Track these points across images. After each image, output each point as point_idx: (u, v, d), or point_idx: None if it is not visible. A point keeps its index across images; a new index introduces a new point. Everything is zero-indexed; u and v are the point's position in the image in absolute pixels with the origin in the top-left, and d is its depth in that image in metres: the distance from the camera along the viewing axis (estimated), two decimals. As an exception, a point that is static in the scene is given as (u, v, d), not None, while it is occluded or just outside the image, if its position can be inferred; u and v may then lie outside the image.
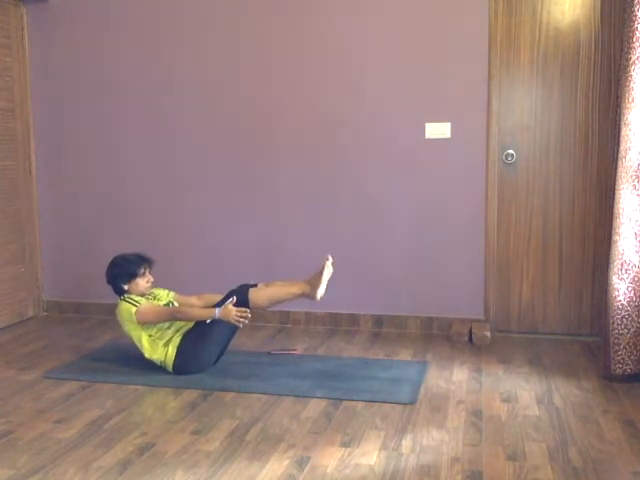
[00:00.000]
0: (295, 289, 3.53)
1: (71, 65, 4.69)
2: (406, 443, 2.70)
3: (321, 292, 3.50)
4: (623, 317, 3.33)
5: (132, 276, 3.60)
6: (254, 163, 4.46)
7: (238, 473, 2.47)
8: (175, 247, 4.63)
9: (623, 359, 3.34)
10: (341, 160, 4.33)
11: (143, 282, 3.63)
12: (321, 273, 3.47)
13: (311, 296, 3.51)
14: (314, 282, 3.49)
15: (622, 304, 3.32)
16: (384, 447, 2.67)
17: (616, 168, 3.34)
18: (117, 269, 3.62)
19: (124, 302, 3.55)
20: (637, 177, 3.26)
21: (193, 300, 3.75)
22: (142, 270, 3.62)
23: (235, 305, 3.43)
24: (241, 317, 3.40)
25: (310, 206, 4.41)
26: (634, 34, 3.20)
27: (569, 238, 4.14)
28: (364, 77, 4.24)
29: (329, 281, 3.55)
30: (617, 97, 3.61)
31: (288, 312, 4.49)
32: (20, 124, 4.70)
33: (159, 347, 3.52)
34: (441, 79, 4.14)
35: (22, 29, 4.69)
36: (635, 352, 3.34)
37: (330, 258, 3.52)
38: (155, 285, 3.72)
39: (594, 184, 4.08)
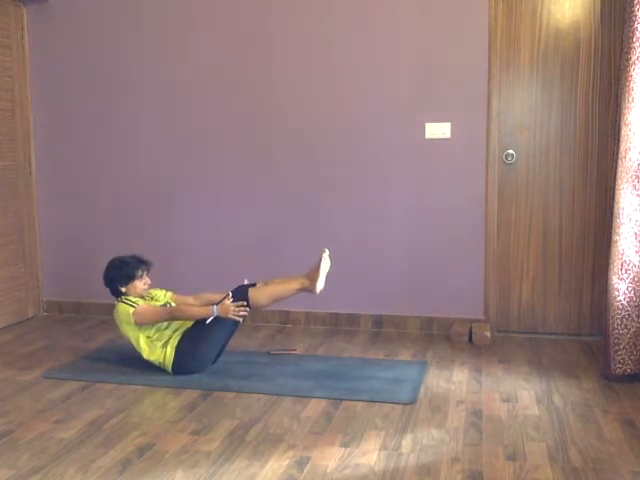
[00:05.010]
0: (294, 284, 3.54)
1: (71, 65, 4.69)
2: (406, 443, 2.70)
3: (320, 285, 3.50)
4: (623, 317, 3.33)
5: (130, 278, 3.60)
6: (253, 163, 4.46)
7: (238, 473, 2.47)
8: (175, 247, 4.63)
9: (623, 359, 3.34)
10: (341, 160, 4.33)
11: (141, 284, 3.62)
12: (318, 266, 3.48)
13: (310, 289, 3.52)
14: (312, 275, 3.50)
15: (622, 304, 3.32)
16: (384, 447, 2.66)
17: (616, 168, 3.34)
18: (115, 271, 3.62)
19: (121, 303, 3.55)
20: (637, 177, 3.26)
21: (190, 300, 3.74)
22: (140, 272, 3.62)
23: (233, 301, 3.44)
24: (239, 311, 3.41)
25: (310, 206, 4.41)
26: (634, 34, 3.20)
27: (569, 238, 4.14)
28: (364, 77, 4.24)
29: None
30: (617, 97, 3.61)
31: (288, 312, 4.49)
32: (20, 124, 4.70)
33: (157, 348, 3.51)
34: (441, 79, 4.14)
35: (22, 29, 4.68)
36: (635, 352, 3.34)
37: (327, 251, 3.53)
38: (154, 285, 3.71)
39: (594, 184, 4.08)
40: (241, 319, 3.45)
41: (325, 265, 3.51)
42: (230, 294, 3.46)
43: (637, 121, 3.24)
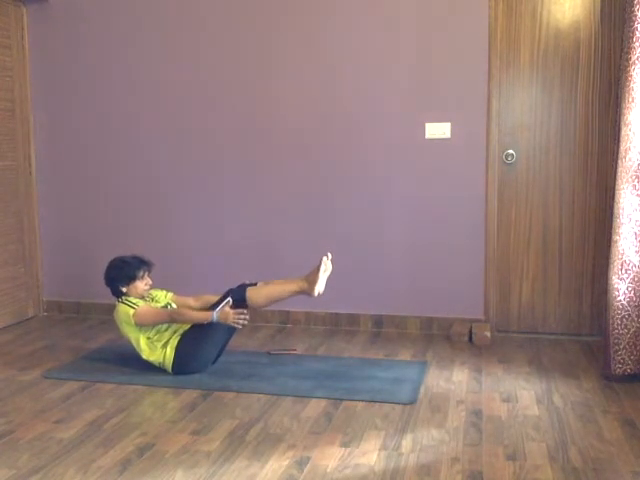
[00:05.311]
0: (293, 286, 3.52)
1: (71, 65, 4.69)
2: (406, 443, 2.70)
3: (319, 289, 3.48)
4: (623, 317, 3.33)
5: (131, 279, 3.59)
6: (253, 163, 4.46)
7: (238, 473, 2.47)
8: (175, 247, 4.63)
9: (623, 359, 3.34)
10: (341, 160, 4.33)
11: (142, 285, 3.62)
12: (318, 269, 3.46)
13: (308, 292, 3.49)
14: (311, 279, 3.48)
15: (622, 304, 3.32)
16: (384, 447, 2.67)
17: (616, 168, 3.34)
18: (116, 271, 3.62)
19: (122, 304, 3.54)
20: (637, 177, 3.26)
21: (190, 301, 3.73)
22: (141, 273, 3.61)
23: (233, 305, 3.43)
24: (239, 319, 3.40)
25: (310, 206, 4.41)
26: (634, 34, 3.20)
27: (569, 238, 4.14)
28: (364, 77, 4.24)
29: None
30: (617, 97, 3.61)
31: (288, 312, 4.49)
32: (20, 124, 4.70)
33: (157, 349, 3.51)
34: (441, 79, 4.14)
35: (22, 29, 4.68)
36: (635, 352, 3.34)
37: (329, 255, 3.52)
38: (153, 286, 3.71)
39: (594, 184, 4.08)
40: (240, 326, 3.44)
41: (325, 269, 3.48)
42: (230, 300, 3.45)
43: (637, 121, 3.24)
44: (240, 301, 3.45)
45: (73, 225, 4.84)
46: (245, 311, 3.42)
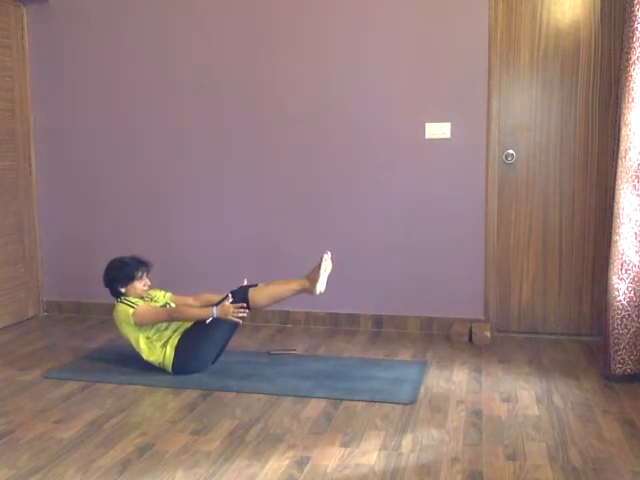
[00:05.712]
0: (294, 285, 3.53)
1: (71, 65, 4.69)
2: (406, 443, 2.70)
3: (320, 287, 3.49)
4: (623, 317, 3.33)
5: (130, 279, 3.59)
6: (253, 162, 4.46)
7: (238, 473, 2.47)
8: (175, 247, 4.63)
9: (623, 359, 3.34)
10: (341, 160, 4.33)
11: (140, 285, 3.62)
12: (319, 267, 3.47)
13: (310, 291, 3.50)
14: (313, 277, 3.49)
15: (622, 304, 3.32)
16: (384, 447, 2.66)
17: (616, 168, 3.34)
18: (115, 272, 3.62)
19: (121, 304, 3.54)
20: (637, 177, 3.26)
21: (189, 301, 3.74)
22: (140, 273, 3.62)
23: (233, 303, 3.44)
24: (239, 313, 3.41)
25: (309, 206, 4.41)
26: (634, 34, 3.20)
27: (569, 238, 4.14)
28: (364, 77, 4.24)
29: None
30: (617, 97, 3.61)
31: (288, 312, 4.49)
32: (20, 124, 4.70)
33: (157, 348, 3.51)
34: (441, 79, 4.14)
35: (22, 29, 4.68)
36: (635, 352, 3.34)
37: (329, 253, 3.53)
38: (153, 286, 3.71)
39: (594, 184, 4.08)
40: (240, 321, 3.45)
41: (326, 267, 3.49)
42: (230, 295, 3.46)
43: (637, 121, 3.24)
44: (243, 302, 3.46)
45: (73, 225, 4.84)
46: (245, 304, 3.43)
